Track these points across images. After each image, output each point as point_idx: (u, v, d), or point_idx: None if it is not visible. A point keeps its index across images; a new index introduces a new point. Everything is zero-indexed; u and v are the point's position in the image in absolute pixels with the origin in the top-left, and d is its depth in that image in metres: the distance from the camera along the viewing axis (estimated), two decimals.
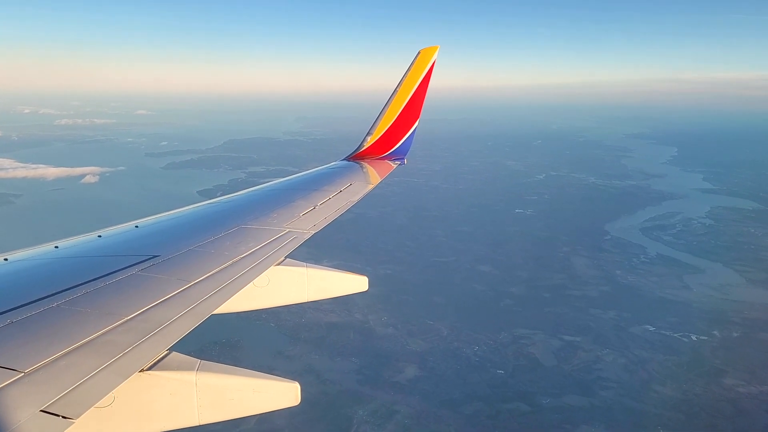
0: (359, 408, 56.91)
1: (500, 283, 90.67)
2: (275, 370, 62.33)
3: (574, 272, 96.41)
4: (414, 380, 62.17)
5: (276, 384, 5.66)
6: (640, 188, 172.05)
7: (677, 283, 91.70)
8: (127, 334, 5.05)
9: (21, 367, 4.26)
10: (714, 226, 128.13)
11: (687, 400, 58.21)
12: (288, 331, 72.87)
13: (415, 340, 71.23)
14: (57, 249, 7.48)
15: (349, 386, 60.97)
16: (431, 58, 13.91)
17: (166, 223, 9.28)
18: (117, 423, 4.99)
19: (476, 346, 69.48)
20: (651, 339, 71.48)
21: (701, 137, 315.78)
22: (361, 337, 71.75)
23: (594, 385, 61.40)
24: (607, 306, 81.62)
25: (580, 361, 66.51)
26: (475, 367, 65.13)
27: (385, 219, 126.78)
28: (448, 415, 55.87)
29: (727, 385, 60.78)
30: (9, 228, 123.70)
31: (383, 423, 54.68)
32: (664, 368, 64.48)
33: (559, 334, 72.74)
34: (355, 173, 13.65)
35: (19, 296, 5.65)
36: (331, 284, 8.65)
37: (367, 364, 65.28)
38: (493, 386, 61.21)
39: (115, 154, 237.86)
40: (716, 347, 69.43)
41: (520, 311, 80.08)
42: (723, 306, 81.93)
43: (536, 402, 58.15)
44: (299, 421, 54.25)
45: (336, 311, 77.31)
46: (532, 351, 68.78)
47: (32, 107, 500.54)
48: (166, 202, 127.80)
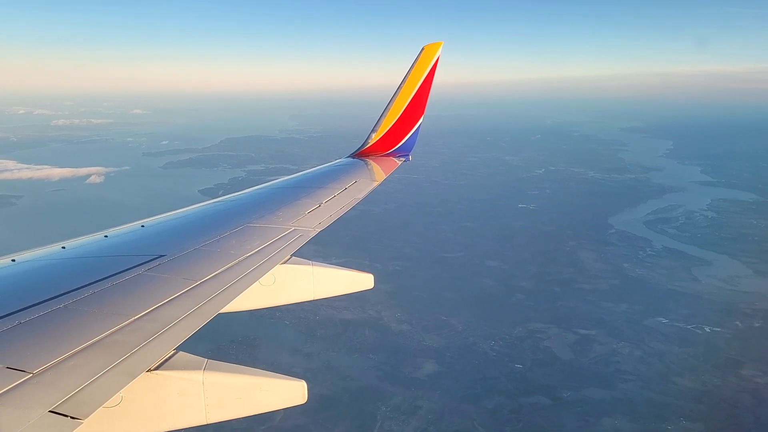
0: (382, 404, 56.98)
1: (510, 278, 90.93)
2: (294, 367, 62.73)
3: (582, 266, 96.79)
4: (434, 376, 62.29)
5: (283, 383, 5.68)
6: (639, 182, 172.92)
7: (686, 275, 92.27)
8: (134, 334, 5.06)
9: (29, 367, 4.28)
10: (717, 219, 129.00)
11: (707, 392, 58.65)
12: (303, 328, 72.81)
13: (431, 335, 71.37)
14: (64, 249, 7.51)
15: (370, 382, 61.02)
16: (435, 54, 13.98)
17: (172, 222, 9.27)
18: (125, 423, 5.01)
19: (492, 341, 69.68)
20: (665, 331, 71.91)
21: (696, 130, 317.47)
22: (376, 334, 71.82)
23: (613, 377, 61.73)
24: (619, 299, 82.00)
25: (597, 354, 66.83)
26: (493, 361, 65.34)
27: (390, 215, 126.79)
28: (470, 409, 56.03)
29: (745, 376, 61.28)
30: (15, 229, 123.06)
31: (407, 419, 54.77)
32: (681, 360, 64.91)
33: (573, 328, 73.03)
34: (359, 170, 13.63)
35: (26, 297, 5.67)
36: (337, 282, 8.68)
37: (385, 361, 65.35)
38: (512, 380, 61.43)
39: (115, 153, 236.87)
40: (730, 338, 69.92)
41: (532, 306, 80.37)
42: (733, 297, 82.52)
43: (557, 395, 58.41)
44: (323, 418, 54.30)
45: (349, 308, 77.31)
46: (548, 345, 69.03)
47: (27, 108, 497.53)
48: (168, 201, 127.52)
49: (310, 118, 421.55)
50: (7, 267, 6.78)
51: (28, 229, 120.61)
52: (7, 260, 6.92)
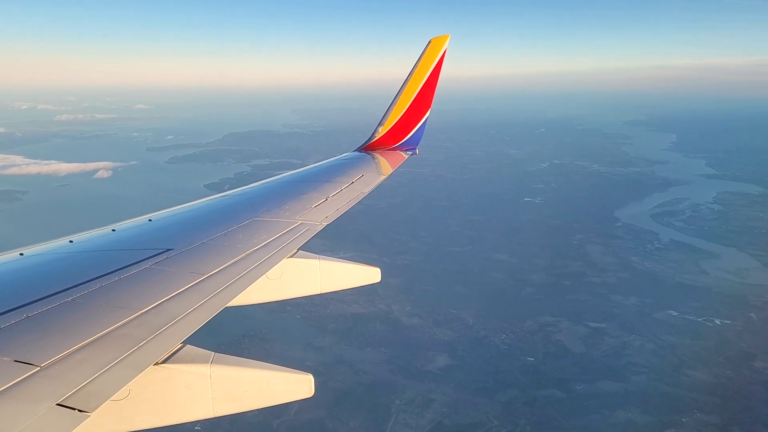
0: (395, 397, 57.12)
1: (519, 272, 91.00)
2: (306, 361, 62.85)
3: (590, 259, 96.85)
4: (446, 369, 62.43)
5: (289, 376, 5.68)
6: (644, 175, 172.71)
7: (694, 268, 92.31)
8: (141, 327, 5.07)
9: (37, 361, 4.28)
10: (723, 212, 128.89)
11: (720, 384, 58.77)
12: (314, 322, 72.94)
13: (442, 329, 71.48)
14: (72, 243, 7.52)
15: (383, 376, 61.16)
16: (442, 48, 13.91)
17: (179, 216, 9.28)
18: (133, 416, 5.03)
19: (503, 334, 69.79)
20: (676, 324, 72.00)
21: (699, 123, 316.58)
22: (387, 328, 71.95)
23: (625, 370, 61.84)
24: (628, 292, 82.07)
25: (609, 347, 66.94)
26: (505, 355, 65.46)
27: (396, 209, 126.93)
28: (484, 402, 56.16)
29: (757, 368, 61.41)
30: (21, 224, 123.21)
31: (421, 411, 54.91)
32: (693, 352, 65.02)
33: (583, 321, 73.12)
34: (366, 164, 13.63)
35: (34, 291, 5.68)
36: (343, 276, 8.66)
37: (397, 354, 65.48)
38: (525, 374, 61.56)
39: (121, 148, 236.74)
40: (741, 331, 69.99)
41: (542, 299, 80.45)
42: (742, 290, 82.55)
43: (570, 388, 58.55)
44: (339, 411, 54.47)
45: (359, 302, 77.45)
46: (559, 338, 69.15)
47: (29, 103, 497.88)
48: (174, 196, 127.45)
49: (311, 113, 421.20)
50: (15, 261, 6.79)
51: (35, 225, 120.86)
52: (15, 254, 6.93)
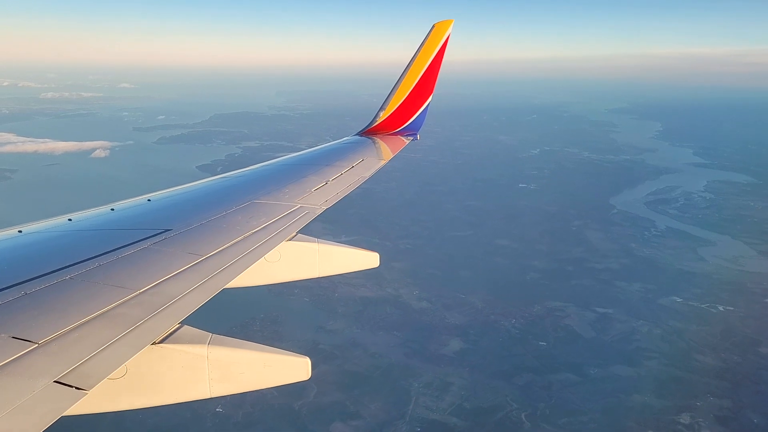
0: (413, 380, 57.44)
1: (522, 257, 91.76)
2: (320, 344, 63.09)
3: (591, 245, 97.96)
4: (461, 353, 62.92)
5: (287, 359, 5.70)
6: (635, 163, 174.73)
7: (692, 255, 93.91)
8: (139, 307, 5.09)
9: (35, 338, 4.29)
10: (715, 200, 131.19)
11: (729, 369, 60.09)
12: (323, 305, 72.89)
13: (452, 313, 71.93)
14: (70, 222, 7.51)
15: (398, 359, 61.43)
16: (446, 32, 13.84)
17: (178, 197, 9.24)
18: (130, 394, 5.07)
19: (513, 319, 70.44)
20: (681, 310, 73.29)
21: (682, 112, 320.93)
22: (398, 311, 72.18)
23: (636, 355, 62.90)
24: (631, 278, 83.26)
25: (618, 332, 67.95)
26: (517, 339, 66.14)
27: (393, 194, 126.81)
28: (502, 386, 56.77)
29: (764, 354, 62.90)
30: (14, 203, 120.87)
31: (440, 395, 55.31)
32: (700, 338, 66.31)
33: (590, 307, 74.06)
34: (367, 148, 13.61)
35: (33, 268, 5.66)
36: (342, 260, 8.71)
37: (410, 338, 65.77)
38: (538, 358, 62.28)
39: (113, 128, 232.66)
40: (744, 317, 71.50)
41: (547, 284, 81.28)
42: (741, 278, 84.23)
43: (585, 372, 59.39)
44: (358, 393, 54.71)
45: (367, 285, 77.53)
46: (568, 323, 70.00)
47: (10, 80, 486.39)
48: (168, 178, 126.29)
49: (297, 95, 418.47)
50: (13, 238, 6.74)
51: (29, 204, 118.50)
52: (13, 231, 6.87)
